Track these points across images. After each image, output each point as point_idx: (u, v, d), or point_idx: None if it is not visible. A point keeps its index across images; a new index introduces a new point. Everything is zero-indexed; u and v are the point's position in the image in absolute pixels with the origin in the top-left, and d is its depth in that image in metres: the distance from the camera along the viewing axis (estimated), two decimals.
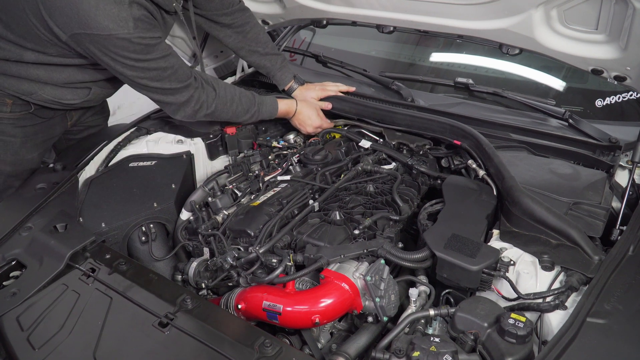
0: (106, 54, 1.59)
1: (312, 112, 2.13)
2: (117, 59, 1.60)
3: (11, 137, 1.87)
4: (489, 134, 1.83)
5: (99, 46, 1.56)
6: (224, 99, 1.90)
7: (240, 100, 1.95)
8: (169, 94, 1.76)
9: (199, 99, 1.82)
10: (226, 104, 1.91)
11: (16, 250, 1.49)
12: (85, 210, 1.69)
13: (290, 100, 2.13)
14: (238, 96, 1.95)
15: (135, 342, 1.22)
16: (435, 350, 1.07)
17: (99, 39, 1.53)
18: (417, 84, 2.35)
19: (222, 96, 1.90)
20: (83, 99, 1.94)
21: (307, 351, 1.34)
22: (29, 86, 1.78)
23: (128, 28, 1.53)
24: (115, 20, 1.51)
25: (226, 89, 1.93)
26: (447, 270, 1.34)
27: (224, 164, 2.12)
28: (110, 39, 1.53)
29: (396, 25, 2.11)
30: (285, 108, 2.10)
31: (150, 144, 2.01)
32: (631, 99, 1.98)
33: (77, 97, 1.91)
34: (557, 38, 1.71)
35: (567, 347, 1.06)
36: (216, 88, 1.89)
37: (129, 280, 1.38)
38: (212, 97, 1.86)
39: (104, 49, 1.57)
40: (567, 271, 1.31)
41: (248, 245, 1.53)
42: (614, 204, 1.59)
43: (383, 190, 1.75)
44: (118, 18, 1.51)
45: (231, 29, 2.11)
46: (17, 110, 1.83)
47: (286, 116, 2.13)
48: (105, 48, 1.56)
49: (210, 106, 1.87)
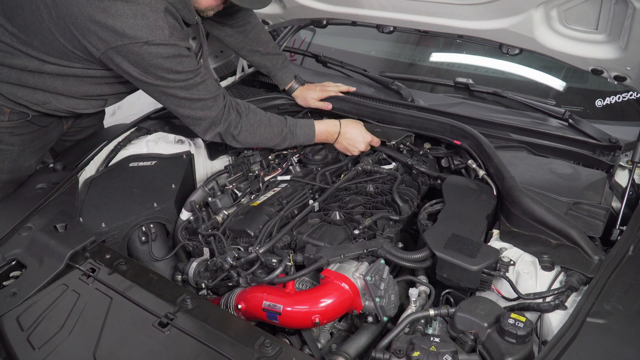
0: (139, 64, 1.55)
1: (359, 129, 1.93)
2: (149, 69, 1.57)
3: (9, 146, 1.85)
4: (489, 134, 1.83)
5: (134, 56, 1.53)
6: (251, 121, 1.79)
7: (269, 122, 1.83)
8: (198, 108, 1.69)
9: (228, 116, 1.74)
10: (253, 126, 1.79)
11: (16, 250, 1.49)
12: (85, 210, 1.69)
13: (332, 120, 1.94)
14: (267, 118, 1.84)
15: (135, 342, 1.22)
16: (435, 350, 1.07)
17: (135, 47, 1.51)
18: (417, 84, 2.35)
19: (250, 118, 1.79)
20: (97, 109, 1.94)
21: (307, 351, 1.34)
22: (44, 96, 1.77)
23: (164, 35, 1.52)
24: (151, 28, 1.50)
25: (254, 111, 1.82)
26: (447, 270, 1.34)
27: (224, 164, 2.12)
28: (147, 46, 1.51)
29: (396, 25, 2.10)
30: (325, 128, 1.90)
31: (150, 144, 2.01)
32: (631, 99, 1.98)
33: (92, 107, 1.91)
34: (557, 38, 1.71)
35: (567, 347, 1.06)
36: (240, 110, 1.79)
37: (129, 280, 1.38)
38: (238, 119, 1.77)
39: (138, 58, 1.54)
40: (567, 271, 1.31)
41: (248, 245, 1.53)
42: (614, 204, 1.59)
43: (383, 190, 1.75)
44: (154, 26, 1.50)
45: (232, 28, 2.11)
46: (14, 118, 1.82)
47: (328, 139, 1.93)
48: (140, 57, 1.53)
49: (237, 126, 1.77)
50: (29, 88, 1.74)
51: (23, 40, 1.65)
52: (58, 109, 1.83)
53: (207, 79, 1.69)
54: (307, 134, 1.89)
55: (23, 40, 1.65)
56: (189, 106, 1.68)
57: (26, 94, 1.75)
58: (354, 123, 1.95)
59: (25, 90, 1.75)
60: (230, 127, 1.76)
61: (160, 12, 1.52)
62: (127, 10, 1.48)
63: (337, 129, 1.91)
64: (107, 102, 1.93)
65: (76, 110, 1.87)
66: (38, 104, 1.79)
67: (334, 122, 1.93)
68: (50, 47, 1.63)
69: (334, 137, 1.93)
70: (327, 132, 1.91)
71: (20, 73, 1.71)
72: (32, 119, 1.85)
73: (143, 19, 1.49)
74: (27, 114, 1.82)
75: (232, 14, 2.06)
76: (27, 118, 1.84)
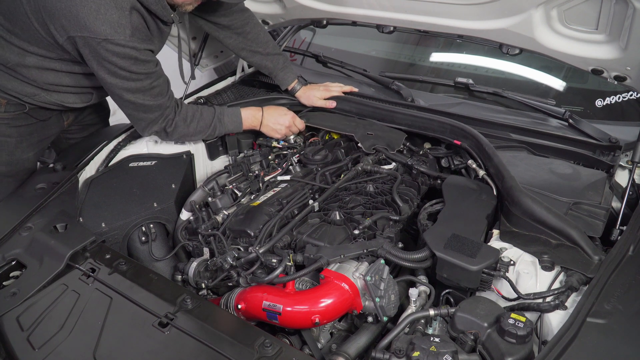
0: (95, 57, 1.58)
1: (279, 111, 2.04)
2: (103, 64, 1.59)
3: (6, 137, 1.87)
4: (489, 134, 1.83)
5: (91, 49, 1.56)
6: (184, 116, 1.85)
7: (201, 115, 1.90)
8: (140, 111, 1.74)
9: (167, 117, 1.80)
10: (186, 121, 1.86)
11: (16, 250, 1.49)
12: (85, 210, 1.69)
13: (255, 108, 2.04)
14: (200, 112, 1.91)
15: (135, 342, 1.22)
16: (435, 350, 1.07)
17: (93, 42, 1.53)
18: (417, 84, 2.35)
19: (183, 114, 1.85)
20: (86, 103, 1.95)
21: (307, 351, 1.34)
22: (32, 89, 1.79)
23: (125, 35, 1.54)
24: (113, 26, 1.51)
25: (186, 107, 1.88)
26: (447, 270, 1.34)
27: (224, 164, 2.12)
28: (105, 43, 1.53)
29: (396, 25, 2.10)
30: (251, 113, 2.00)
31: (150, 144, 2.01)
32: (631, 99, 1.98)
33: (80, 101, 1.93)
34: (557, 38, 1.71)
35: (567, 347, 1.06)
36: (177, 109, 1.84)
37: (129, 280, 1.38)
38: (173, 117, 1.83)
39: (94, 52, 1.56)
40: (567, 271, 1.31)
41: (248, 245, 1.53)
42: (614, 204, 1.59)
43: (383, 190, 1.75)
44: (117, 24, 1.52)
45: (231, 30, 2.11)
46: (11, 110, 1.83)
47: (254, 125, 2.01)
48: (96, 52, 1.56)
49: (171, 124, 1.83)
50: (17, 80, 1.77)
51: (7, 28, 1.67)
52: (48, 101, 1.84)
53: (155, 86, 1.71)
54: (235, 121, 1.98)
55: (7, 28, 1.67)
56: (132, 107, 1.74)
57: (16, 86, 1.78)
58: (275, 107, 2.07)
59: (15, 82, 1.77)
60: (166, 125, 1.82)
61: (125, 10, 1.53)
62: (92, 2, 1.48)
63: (260, 113, 2.01)
64: (94, 95, 1.94)
65: (65, 104, 1.89)
66: (28, 95, 1.80)
67: (257, 108, 2.03)
68: (28, 34, 1.65)
69: (259, 121, 2.01)
70: (253, 117, 2.00)
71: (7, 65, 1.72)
72: (29, 111, 1.87)
73: (106, 14, 1.50)
74: (24, 105, 1.84)
75: (229, 15, 2.06)
76: (24, 110, 1.85)
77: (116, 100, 1.75)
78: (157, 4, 1.63)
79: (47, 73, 1.76)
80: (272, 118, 2.02)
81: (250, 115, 2.00)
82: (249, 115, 2.00)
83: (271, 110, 2.04)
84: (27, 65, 1.72)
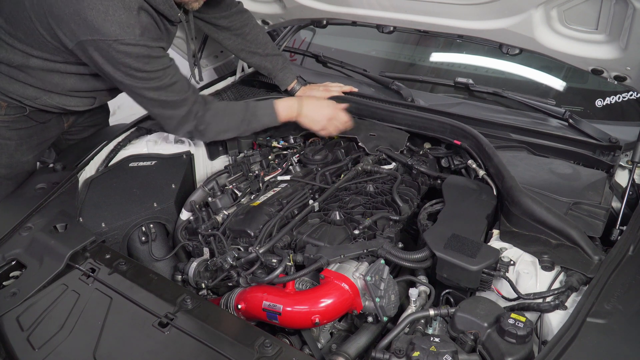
0: (108, 60, 1.57)
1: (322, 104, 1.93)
2: (118, 67, 1.58)
3: (6, 140, 1.87)
4: (489, 134, 1.83)
5: (103, 52, 1.54)
6: (214, 111, 1.81)
7: (233, 110, 1.86)
8: (167, 108, 1.72)
9: (197, 113, 1.76)
10: (218, 117, 1.81)
11: (16, 250, 1.49)
12: (85, 210, 1.69)
13: (290, 98, 1.97)
14: (230, 107, 1.88)
15: (135, 342, 1.22)
16: (435, 350, 1.07)
17: (104, 44, 1.52)
18: (417, 84, 2.35)
19: (214, 110, 1.81)
20: (88, 107, 1.95)
21: (307, 351, 1.34)
22: (34, 92, 1.78)
23: (135, 34, 1.52)
24: (122, 26, 1.50)
25: (217, 102, 1.85)
26: (447, 270, 1.34)
27: (224, 164, 2.12)
28: (116, 44, 1.52)
29: (396, 25, 2.11)
30: (286, 104, 1.91)
31: (150, 144, 2.01)
32: (631, 99, 1.98)
33: (82, 105, 1.92)
34: (557, 38, 1.71)
35: (567, 347, 1.06)
36: (206, 105, 1.81)
37: (129, 280, 1.38)
38: (204, 115, 1.79)
39: (107, 55, 1.55)
40: (567, 271, 1.31)
41: (248, 245, 1.53)
42: (614, 204, 1.59)
43: (383, 190, 1.75)
44: (126, 24, 1.50)
45: (230, 31, 2.11)
46: (11, 113, 1.83)
47: (290, 115, 1.92)
48: (109, 54, 1.54)
49: (203, 122, 1.79)
50: (19, 83, 1.76)
51: (9, 31, 1.66)
52: (50, 104, 1.83)
53: (176, 80, 1.69)
54: (269, 113, 1.89)
55: (9, 32, 1.66)
56: (157, 105, 1.71)
57: (17, 89, 1.77)
58: (316, 98, 1.95)
59: (17, 85, 1.76)
60: (199, 124, 1.79)
61: (132, 11, 1.52)
62: (100, 4, 1.48)
63: (295, 103, 1.91)
64: (96, 99, 1.93)
65: (67, 107, 1.88)
66: (30, 99, 1.79)
67: (292, 97, 1.95)
68: (32, 38, 1.64)
69: (296, 111, 1.91)
70: (289, 108, 1.91)
71: (9, 68, 1.72)
72: (29, 114, 1.86)
73: (114, 15, 1.49)
74: (24, 108, 1.83)
75: (229, 16, 2.06)
76: (24, 113, 1.85)
77: (139, 102, 1.72)
78: (164, 3, 1.62)
79: (52, 75, 1.75)
80: (313, 107, 1.92)
81: (285, 106, 1.91)
82: (284, 106, 1.91)
83: (312, 100, 1.95)
84: (31, 66, 1.71)
